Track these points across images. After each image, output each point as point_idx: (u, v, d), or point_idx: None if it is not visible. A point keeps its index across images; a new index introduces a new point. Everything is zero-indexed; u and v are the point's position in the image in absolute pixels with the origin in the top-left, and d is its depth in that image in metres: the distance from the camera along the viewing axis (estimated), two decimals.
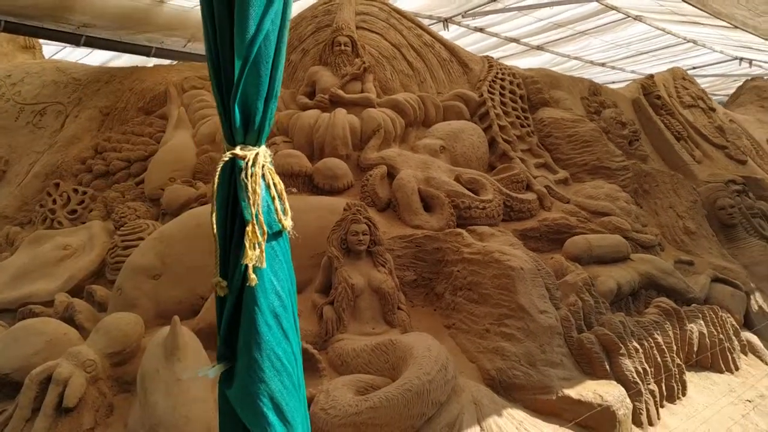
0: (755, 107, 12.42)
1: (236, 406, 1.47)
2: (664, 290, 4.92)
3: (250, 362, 1.42)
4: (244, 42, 1.38)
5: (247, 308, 1.44)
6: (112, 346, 3.85)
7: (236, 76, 1.41)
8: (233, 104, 1.42)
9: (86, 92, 7.10)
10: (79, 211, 5.93)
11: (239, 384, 1.45)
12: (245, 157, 1.49)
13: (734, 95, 13.02)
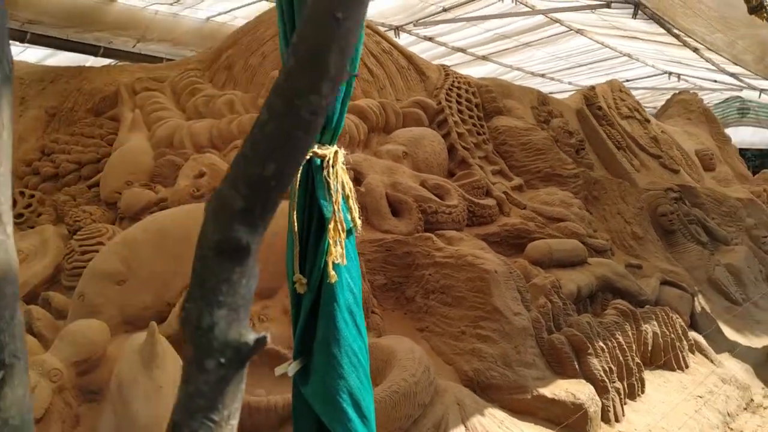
0: (683, 120, 13.11)
1: (314, 402, 1.47)
2: (618, 293, 5.14)
3: (329, 358, 1.43)
4: None
5: (326, 305, 1.45)
6: (78, 355, 3.71)
7: None
8: None
9: (29, 92, 6.81)
10: (26, 215, 5.67)
11: (318, 380, 1.46)
12: (325, 156, 1.50)
13: (663, 108, 13.70)
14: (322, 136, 1.56)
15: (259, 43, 6.23)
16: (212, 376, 0.83)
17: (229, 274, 0.84)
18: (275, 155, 0.81)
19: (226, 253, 0.83)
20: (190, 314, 0.84)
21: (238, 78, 6.17)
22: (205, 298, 0.83)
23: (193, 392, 0.84)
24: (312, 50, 0.77)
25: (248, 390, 3.43)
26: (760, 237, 9.41)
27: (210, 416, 0.83)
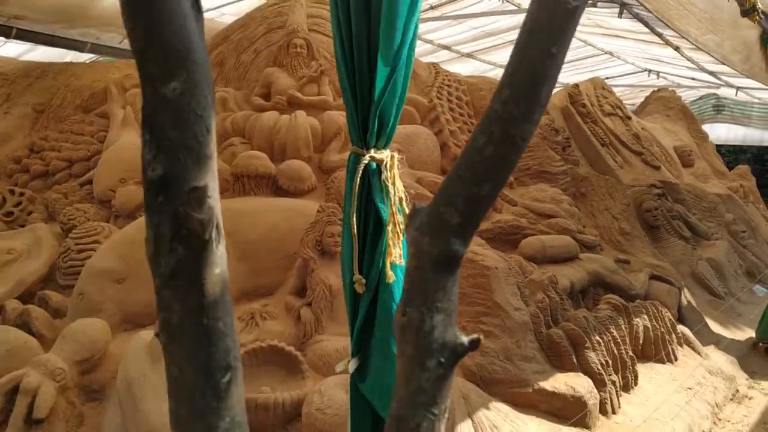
0: (662, 116, 13.31)
1: (372, 398, 1.51)
2: (609, 287, 5.25)
3: (387, 356, 1.47)
4: (391, 51, 1.43)
5: (385, 304, 1.49)
6: (81, 354, 3.71)
7: (381, 84, 1.45)
8: (375, 110, 1.47)
9: (15, 88, 6.72)
10: (16, 213, 5.62)
11: (377, 377, 1.49)
12: (382, 160, 1.53)
13: (642, 105, 13.90)
14: (377, 141, 1.60)
15: (250, 40, 6.22)
16: (432, 374, 0.93)
17: (444, 282, 0.94)
18: (491, 177, 0.90)
19: (443, 264, 0.92)
20: (412, 319, 0.93)
21: (229, 75, 6.16)
22: (425, 305, 0.93)
23: (415, 389, 0.94)
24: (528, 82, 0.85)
25: (254, 388, 3.47)
26: (739, 232, 9.62)
27: (431, 410, 0.94)
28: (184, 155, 0.77)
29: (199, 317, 0.81)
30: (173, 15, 0.75)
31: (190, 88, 0.78)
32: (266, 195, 4.87)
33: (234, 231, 4.34)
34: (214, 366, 0.82)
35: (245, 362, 3.51)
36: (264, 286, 4.32)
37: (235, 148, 5.20)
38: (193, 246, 0.80)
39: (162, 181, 0.78)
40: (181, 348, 0.82)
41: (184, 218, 0.79)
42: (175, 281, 0.81)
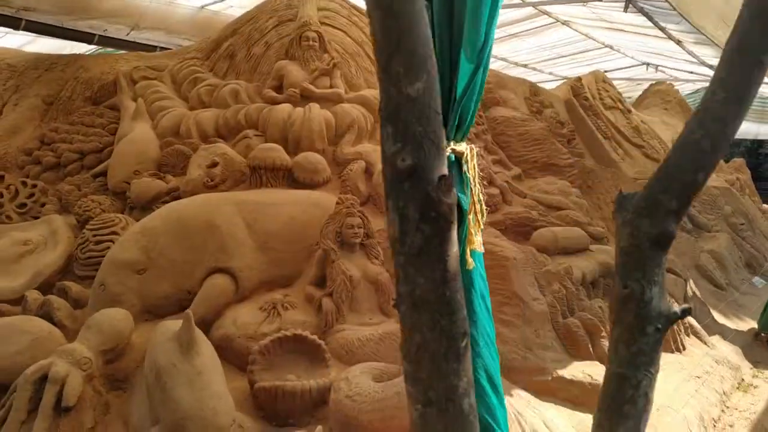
0: (660, 110, 13.42)
1: None
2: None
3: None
4: (475, 50, 1.49)
5: (465, 289, 1.54)
6: (106, 343, 3.75)
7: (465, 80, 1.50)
8: (457, 105, 1.52)
9: (24, 80, 6.71)
10: (29, 204, 5.63)
11: None
12: (462, 152, 1.59)
13: (640, 98, 14.01)
14: (456, 134, 1.65)
15: (261, 32, 6.24)
16: (651, 339, 1.15)
17: (660, 259, 1.13)
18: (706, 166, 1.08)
19: (660, 243, 1.09)
20: (634, 291, 1.13)
21: (240, 67, 6.18)
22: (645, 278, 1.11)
23: (636, 351, 1.16)
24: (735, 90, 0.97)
25: (279, 376, 3.53)
26: (738, 224, 9.75)
27: (649, 369, 1.19)
28: (428, 147, 0.86)
29: (443, 289, 0.90)
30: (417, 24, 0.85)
31: (429, 88, 0.86)
32: (282, 187, 4.91)
33: (254, 222, 4.39)
34: (455, 332, 0.91)
35: (270, 351, 3.57)
36: (283, 276, 4.37)
37: (249, 140, 5.24)
38: (440, 226, 0.90)
39: (410, 171, 0.86)
40: (425, 316, 0.91)
41: (435, 202, 0.88)
42: (421, 258, 0.90)
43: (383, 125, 0.87)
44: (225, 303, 4.11)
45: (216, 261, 4.23)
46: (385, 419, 3.08)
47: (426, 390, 0.92)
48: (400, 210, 0.89)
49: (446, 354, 0.90)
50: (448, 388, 0.91)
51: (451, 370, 0.90)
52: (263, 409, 3.44)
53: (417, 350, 0.92)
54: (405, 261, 0.91)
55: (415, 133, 0.84)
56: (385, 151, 0.87)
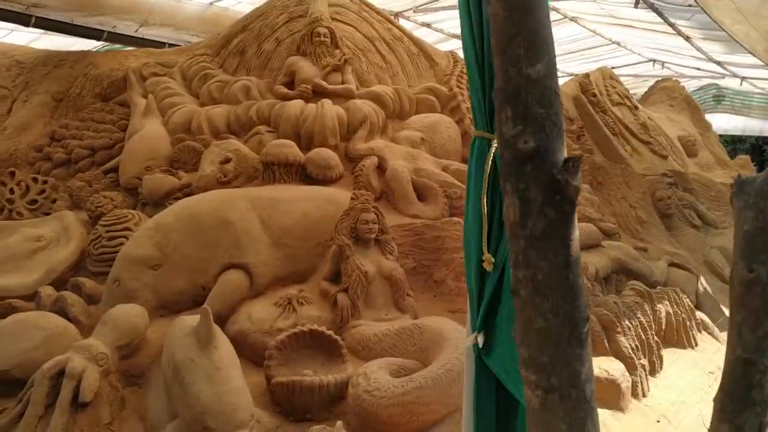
0: (666, 106, 13.38)
1: (499, 372, 1.56)
2: (632, 274, 5.32)
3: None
4: None
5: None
6: (122, 339, 3.75)
7: None
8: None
9: (33, 76, 6.72)
10: (40, 201, 5.64)
11: (504, 351, 1.55)
12: None
13: (646, 95, 13.96)
14: None
15: (271, 28, 6.23)
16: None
17: None
18: None
19: None
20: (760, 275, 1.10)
21: (251, 63, 6.17)
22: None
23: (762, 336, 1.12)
24: None
25: (296, 371, 3.52)
26: None
27: None
28: (551, 129, 0.85)
29: (566, 273, 0.89)
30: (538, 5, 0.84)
31: (550, 69, 0.86)
32: (295, 183, 4.91)
33: (267, 218, 4.38)
34: (577, 317, 0.90)
35: (286, 346, 3.57)
36: (297, 272, 4.36)
37: (262, 136, 5.23)
38: (564, 209, 0.89)
39: (533, 153, 0.86)
40: (547, 301, 0.90)
41: (561, 185, 0.87)
42: (544, 242, 0.89)
43: (501, 108, 0.87)
44: (240, 299, 4.11)
45: (230, 257, 4.22)
46: (405, 414, 3.08)
47: (548, 376, 0.91)
48: (521, 193, 0.88)
49: (569, 339, 0.90)
50: (572, 374, 0.91)
51: (574, 356, 0.90)
52: (280, 404, 3.43)
53: (538, 336, 0.91)
54: (526, 245, 0.90)
55: (536, 115, 0.84)
56: (504, 133, 0.87)
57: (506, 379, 1.58)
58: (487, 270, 1.64)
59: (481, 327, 1.64)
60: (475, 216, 1.68)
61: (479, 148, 1.65)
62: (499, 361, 1.58)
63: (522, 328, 0.93)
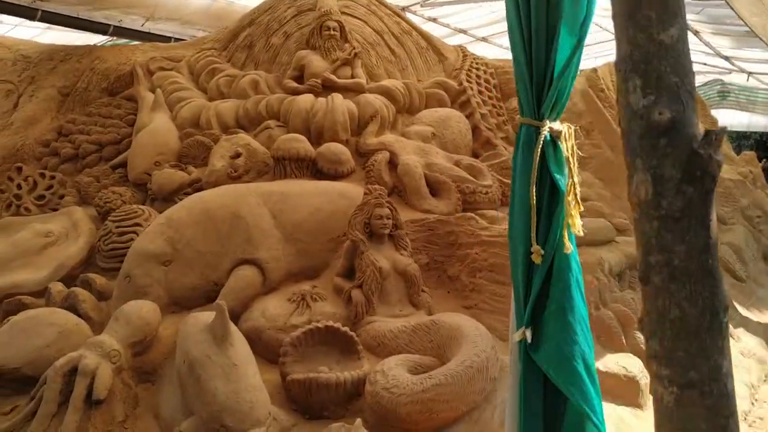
0: None
1: (548, 368, 1.52)
2: None
3: (564, 326, 1.48)
4: (576, 22, 1.43)
5: (562, 274, 1.50)
6: (135, 335, 3.70)
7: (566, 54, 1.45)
8: (556, 81, 1.46)
9: (39, 71, 6.66)
10: (48, 196, 5.59)
11: (553, 347, 1.51)
12: (560, 131, 1.53)
13: None
14: (551, 112, 1.59)
15: (279, 22, 6.18)
16: None
17: None
18: None
19: None
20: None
21: (259, 57, 6.12)
22: None
23: None
24: None
25: (311, 368, 3.48)
26: (754, 217, 9.66)
27: None
28: (686, 99, 0.79)
29: (705, 257, 0.82)
30: None
31: (683, 35, 0.79)
32: (306, 178, 4.86)
33: (279, 213, 4.33)
34: (717, 305, 0.84)
35: (302, 343, 3.52)
36: (310, 267, 4.32)
37: (271, 131, 5.18)
38: (705, 186, 0.82)
39: (669, 125, 0.79)
40: (684, 289, 0.84)
41: (703, 160, 0.80)
42: (681, 222, 0.82)
43: (627, 77, 0.80)
44: (253, 295, 4.06)
45: (242, 252, 4.17)
46: (424, 412, 3.04)
47: (685, 371, 0.85)
48: (654, 169, 0.82)
49: (709, 329, 0.83)
50: (713, 368, 0.84)
51: (714, 348, 0.84)
52: (296, 401, 3.39)
53: (673, 327, 0.85)
54: (660, 226, 0.84)
55: (670, 84, 0.78)
56: (632, 104, 0.81)
57: (555, 376, 1.54)
58: (535, 263, 1.60)
59: (528, 322, 1.59)
60: (521, 207, 1.63)
61: (526, 135, 1.60)
62: (548, 357, 1.54)
63: (654, 319, 0.86)
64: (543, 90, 1.51)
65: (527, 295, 1.61)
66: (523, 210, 1.64)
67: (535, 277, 1.60)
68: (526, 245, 1.61)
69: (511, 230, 1.70)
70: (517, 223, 1.68)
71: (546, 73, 1.50)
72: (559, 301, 1.53)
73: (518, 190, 1.65)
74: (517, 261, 1.64)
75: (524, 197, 1.62)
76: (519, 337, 1.56)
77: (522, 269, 1.66)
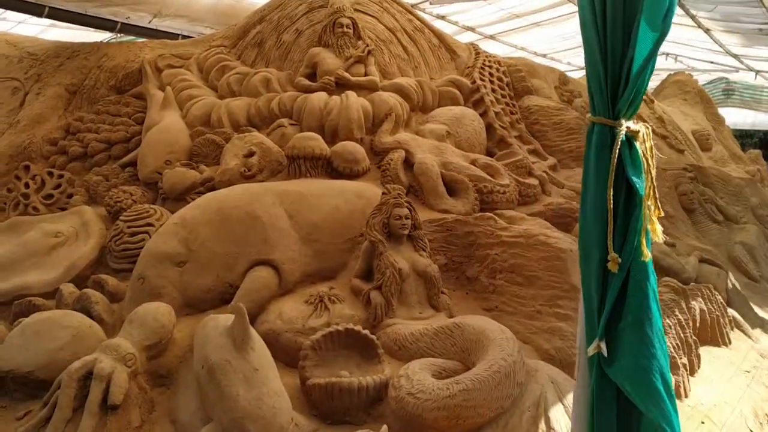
0: (679, 100, 13.23)
1: (624, 382, 1.44)
2: (663, 270, 5.19)
3: (642, 338, 1.40)
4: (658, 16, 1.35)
5: (639, 284, 1.42)
6: (150, 338, 3.62)
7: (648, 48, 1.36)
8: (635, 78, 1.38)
9: (46, 68, 6.58)
10: (56, 195, 5.51)
11: (630, 361, 1.43)
12: (638, 132, 1.45)
13: (658, 89, 13.81)
14: (627, 111, 1.51)
15: (290, 19, 6.09)
16: None
17: None
18: None
19: None
20: None
21: (270, 55, 6.03)
22: None
23: None
24: None
25: (331, 372, 3.40)
26: (765, 216, 9.58)
27: None
28: None
29: None
30: None
31: None
32: (321, 177, 4.78)
33: (296, 213, 4.25)
34: None
35: (322, 346, 3.44)
36: (326, 269, 4.23)
37: (284, 129, 5.09)
38: None
39: None
40: None
41: None
42: None
43: None
44: (269, 296, 3.98)
45: (258, 253, 4.09)
46: (451, 418, 2.95)
47: None
48: None
49: None
50: None
51: None
52: (316, 406, 3.31)
53: None
54: None
55: None
56: None
57: (632, 391, 1.46)
58: (612, 271, 1.52)
59: (602, 334, 1.51)
60: (596, 211, 1.55)
61: (599, 135, 1.52)
62: (624, 372, 1.46)
63: None
64: (619, 87, 1.43)
65: (601, 306, 1.52)
66: (596, 214, 1.55)
67: (610, 286, 1.52)
68: (601, 253, 1.53)
69: (584, 237, 1.61)
70: (590, 229, 1.59)
71: (622, 69, 1.42)
72: (636, 313, 1.45)
73: (592, 194, 1.56)
74: (591, 269, 1.56)
75: (599, 202, 1.54)
76: (593, 351, 1.48)
77: (596, 278, 1.57)
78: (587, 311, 1.57)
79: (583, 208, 1.61)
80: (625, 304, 1.46)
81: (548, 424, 3.02)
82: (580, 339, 1.68)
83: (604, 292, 1.54)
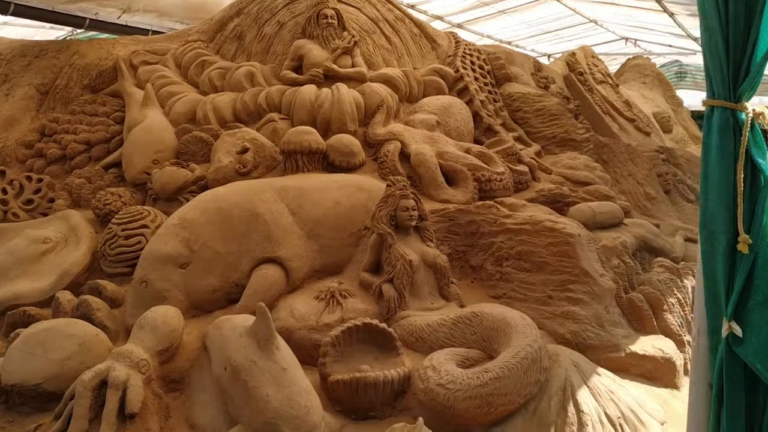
0: (638, 84, 13.52)
1: (755, 361, 1.44)
2: (654, 251, 5.29)
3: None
4: None
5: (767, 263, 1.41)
6: (162, 343, 3.53)
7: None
8: (763, 60, 1.37)
9: (13, 68, 6.31)
10: (36, 200, 5.30)
11: (762, 340, 1.43)
12: (762, 114, 1.45)
13: (618, 73, 14.08)
14: (746, 95, 1.51)
15: (271, 12, 5.99)
16: None
17: None
18: None
19: None
20: None
21: (251, 48, 5.92)
22: None
23: None
24: None
25: (352, 367, 3.37)
26: None
27: None
28: None
29: None
30: None
31: None
32: (318, 171, 4.72)
33: (298, 209, 4.19)
34: None
35: (341, 342, 3.40)
36: (332, 263, 4.19)
37: (275, 124, 5.01)
38: None
39: None
40: None
41: None
42: None
43: None
44: (278, 294, 3.92)
45: (263, 251, 4.03)
46: (483, 406, 2.96)
47: None
48: None
49: None
50: None
51: None
52: (340, 402, 3.28)
53: None
54: None
55: None
56: None
57: (762, 369, 1.48)
58: (742, 252, 1.53)
59: (731, 315, 1.53)
60: (721, 193, 1.55)
61: (721, 119, 1.52)
62: (755, 351, 1.47)
63: None
64: (740, 70, 1.44)
65: (730, 287, 1.54)
66: (722, 197, 1.56)
67: (739, 267, 1.53)
68: (728, 235, 1.54)
69: (706, 220, 1.62)
70: (714, 212, 1.60)
71: (744, 56, 1.42)
72: (765, 292, 1.47)
73: (716, 176, 1.57)
74: (716, 252, 1.57)
75: (723, 183, 1.55)
76: (726, 332, 1.49)
77: (723, 259, 1.59)
78: (710, 295, 1.58)
79: (705, 191, 1.62)
80: (753, 285, 1.49)
81: (577, 408, 3.06)
82: (699, 322, 1.69)
83: (732, 273, 1.56)
